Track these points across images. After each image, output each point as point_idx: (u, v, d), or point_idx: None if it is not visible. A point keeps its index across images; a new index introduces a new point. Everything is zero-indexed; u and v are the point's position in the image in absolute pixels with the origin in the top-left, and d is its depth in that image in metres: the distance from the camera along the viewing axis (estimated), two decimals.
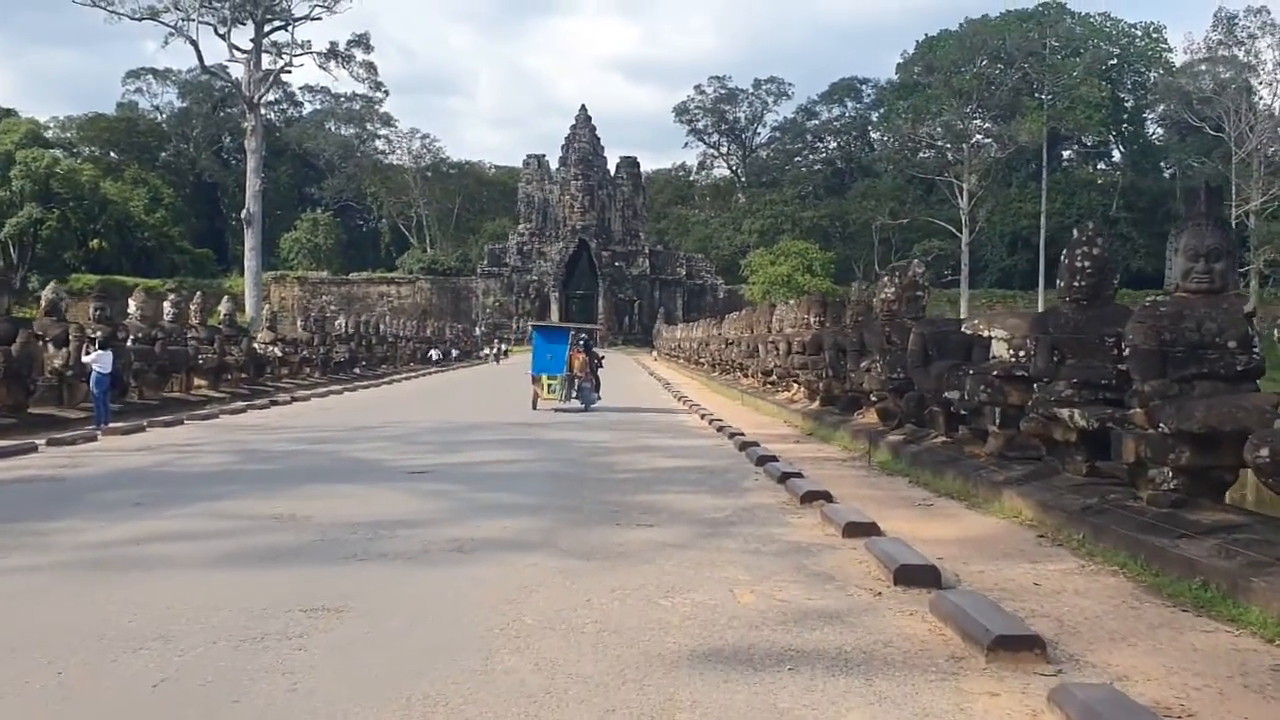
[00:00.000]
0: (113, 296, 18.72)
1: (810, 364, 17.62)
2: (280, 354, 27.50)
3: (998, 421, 9.75)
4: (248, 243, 71.04)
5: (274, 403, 20.63)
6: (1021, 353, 9.74)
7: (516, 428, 15.62)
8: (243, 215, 71.86)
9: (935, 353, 11.70)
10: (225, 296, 25.36)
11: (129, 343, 19.43)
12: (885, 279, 14.69)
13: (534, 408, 19.82)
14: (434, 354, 41.74)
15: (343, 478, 9.69)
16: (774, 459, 11.19)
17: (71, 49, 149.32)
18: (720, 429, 15.23)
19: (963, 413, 10.34)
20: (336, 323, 35.48)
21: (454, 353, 42.31)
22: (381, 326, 40.98)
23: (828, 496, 8.56)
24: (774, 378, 22.31)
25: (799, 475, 9.79)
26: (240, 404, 19.68)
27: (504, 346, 50.48)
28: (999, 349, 9.95)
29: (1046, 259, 76.43)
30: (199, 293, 24.24)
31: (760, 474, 10.46)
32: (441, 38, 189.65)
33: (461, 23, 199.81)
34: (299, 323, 31.48)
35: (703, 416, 17.84)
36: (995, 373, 9.67)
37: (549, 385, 20.14)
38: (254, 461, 10.93)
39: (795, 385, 20.10)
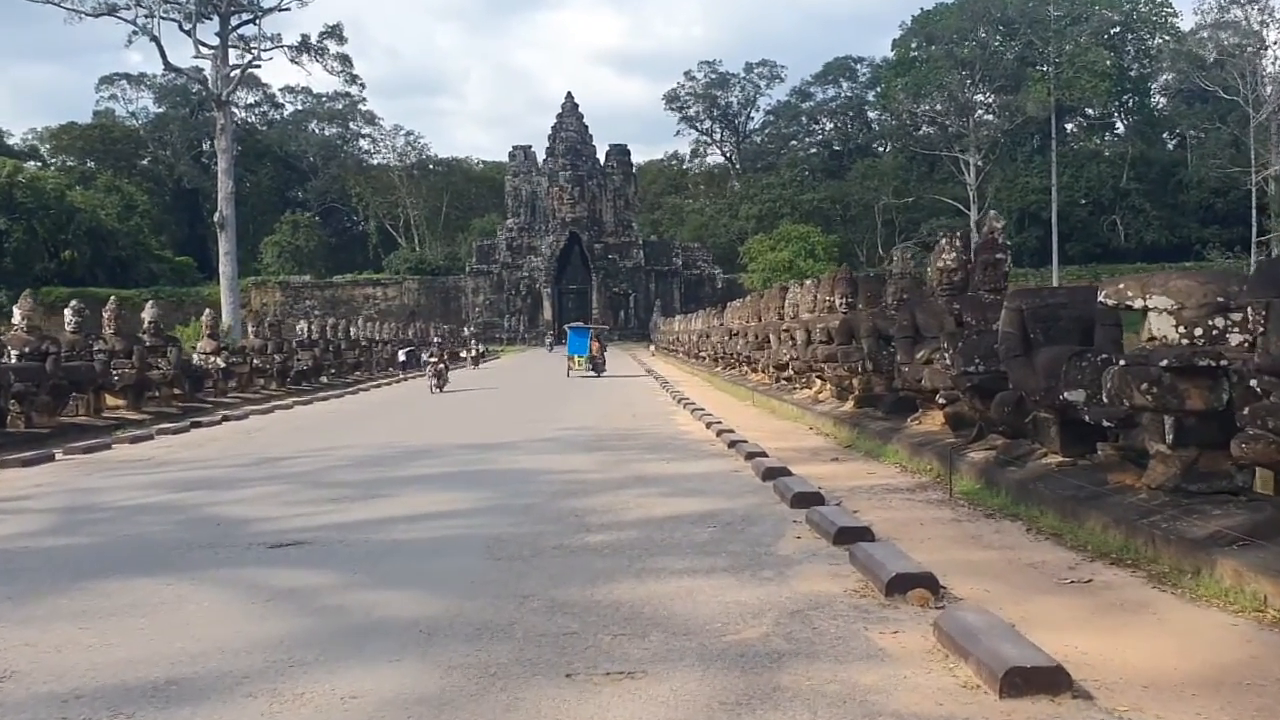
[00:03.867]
0: None
1: (840, 355, 14.20)
2: (224, 365, 24.04)
3: (1170, 437, 6.35)
4: (222, 247, 67.89)
5: (196, 424, 17.22)
6: (1198, 330, 6.35)
7: (475, 452, 12.21)
8: (215, 219, 68.70)
9: (1040, 335, 8.29)
10: (150, 302, 21.90)
11: (13, 359, 16.10)
12: (943, 242, 11.28)
13: (568, 375, 30.42)
14: (401, 355, 38.07)
15: (162, 562, 6.27)
16: (818, 497, 7.79)
17: (50, 63, 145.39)
18: (733, 444, 11.82)
19: (1105, 423, 6.92)
20: (299, 327, 32.03)
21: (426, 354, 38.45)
22: (353, 330, 37.47)
23: (930, 583, 5.14)
24: (790, 373, 18.91)
25: (867, 533, 6.39)
26: (154, 428, 16.26)
27: (483, 348, 45.43)
28: (1161, 326, 6.53)
29: (1059, 234, 73.12)
30: (113, 298, 20.79)
31: (802, 524, 7.05)
32: (428, 37, 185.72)
33: (447, 21, 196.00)
34: (250, 329, 28.03)
35: (709, 425, 14.43)
36: (1165, 363, 6.25)
37: (579, 361, 31.27)
38: (63, 531, 7.51)
39: (819, 381, 16.69)
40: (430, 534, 7.02)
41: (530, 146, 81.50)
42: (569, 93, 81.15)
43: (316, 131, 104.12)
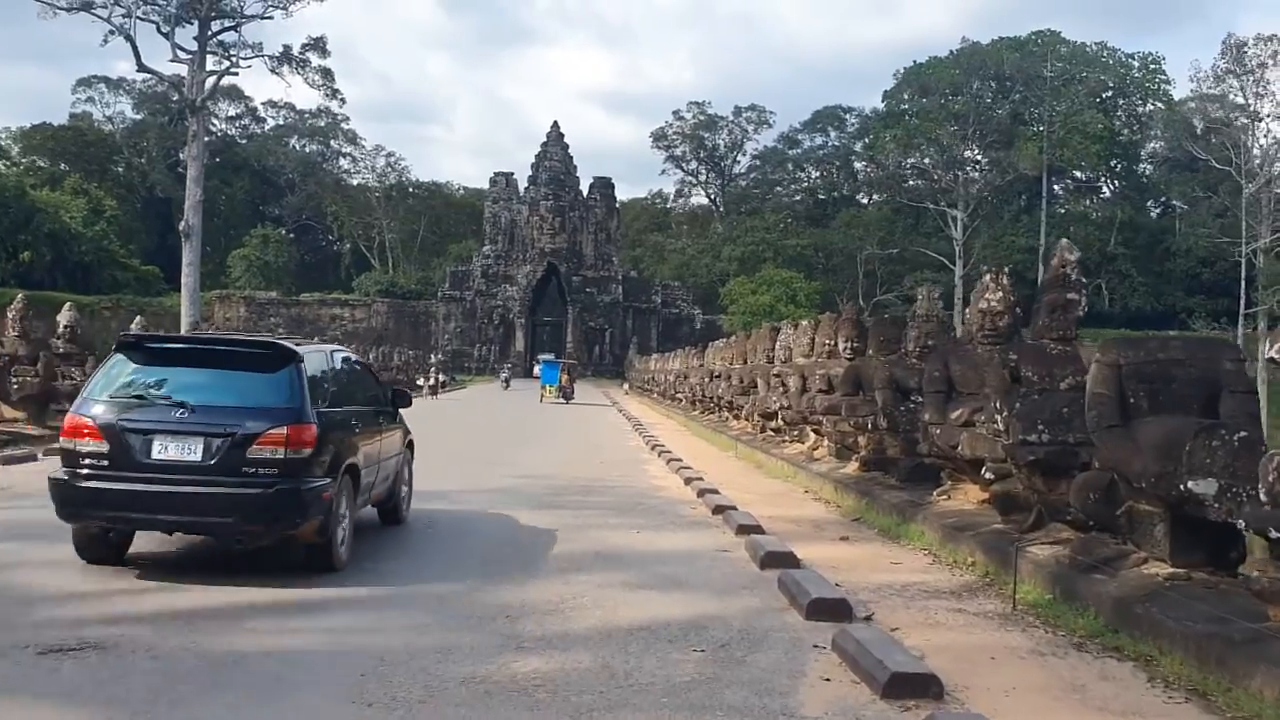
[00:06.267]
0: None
1: (845, 408, 12.10)
2: None
3: None
4: (185, 257, 65.45)
5: None
6: None
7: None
8: (181, 228, 66.35)
9: (1143, 401, 6.23)
10: (66, 304, 19.59)
11: None
12: (987, 279, 9.27)
13: (540, 401, 32.85)
14: None
15: None
16: (843, 606, 5.69)
17: (34, 65, 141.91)
18: (718, 509, 9.70)
19: (1273, 534, 4.85)
20: None
21: None
22: None
23: None
24: (779, 423, 16.82)
25: (933, 685, 4.29)
26: (44, 448, 13.90)
27: (444, 377, 42.45)
28: None
29: None
30: (21, 295, 18.51)
31: (827, 653, 4.93)
32: (419, 65, 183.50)
33: (439, 50, 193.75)
34: None
35: (687, 481, 12.32)
36: None
37: (551, 390, 33.98)
38: None
39: (814, 435, 14.61)
40: (289, 640, 4.84)
41: (512, 174, 79.49)
42: (555, 122, 79.25)
43: (296, 147, 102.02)
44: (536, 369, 61.39)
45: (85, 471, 6.22)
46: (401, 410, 8.99)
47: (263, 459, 6.18)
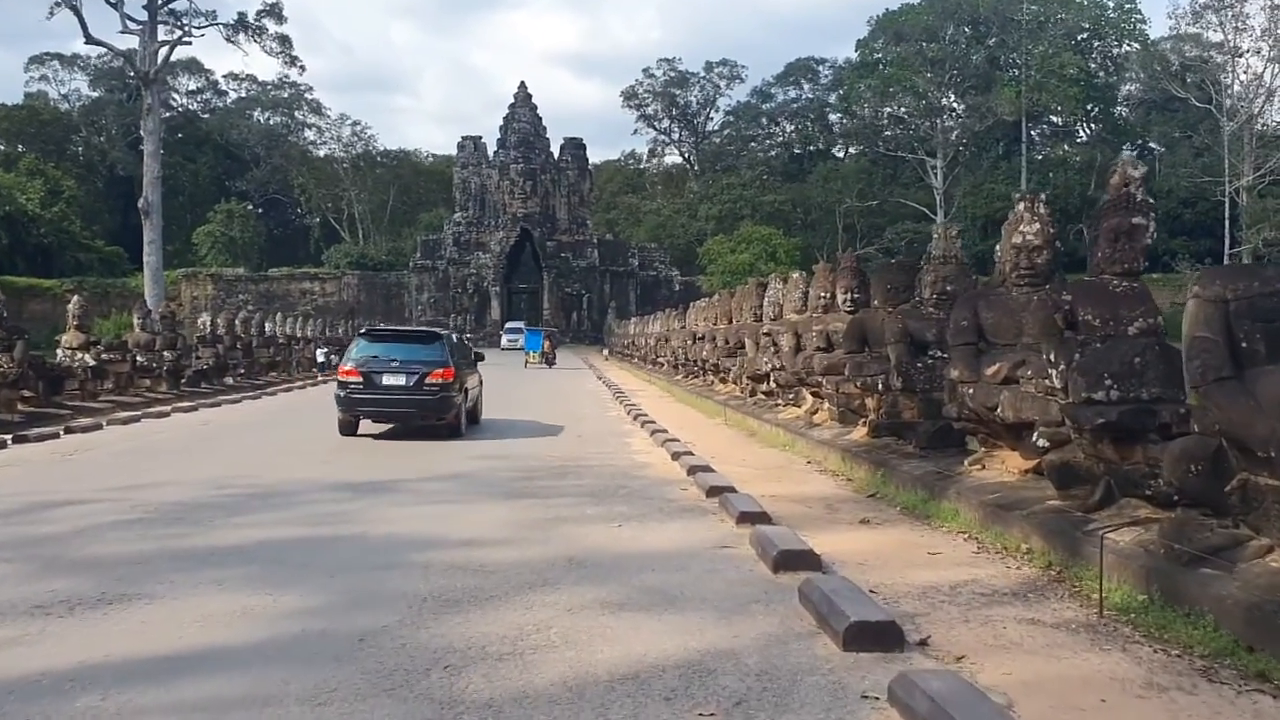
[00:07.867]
0: None
1: (850, 366, 10.71)
2: (93, 362, 20.15)
3: None
4: (146, 236, 63.26)
5: (21, 439, 13.33)
6: None
7: (339, 499, 8.57)
8: (140, 205, 64.22)
9: (1260, 346, 4.86)
10: None
11: None
12: (1021, 209, 7.85)
13: (525, 367, 35.49)
14: (320, 355, 34.31)
15: None
16: (892, 630, 4.32)
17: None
18: (713, 491, 8.33)
19: None
20: (200, 320, 28.08)
21: (335, 360, 34.67)
22: (269, 326, 33.44)
23: None
24: (770, 385, 15.47)
25: None
26: None
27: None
28: None
29: None
30: None
31: (881, 705, 3.57)
32: (382, 34, 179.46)
33: (402, 19, 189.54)
34: (136, 320, 24.04)
35: (675, 455, 10.94)
36: None
37: (534, 356, 37.19)
38: None
39: (810, 398, 13.26)
40: None
41: (480, 137, 77.21)
42: (522, 82, 77.02)
43: (260, 120, 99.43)
44: (505, 339, 60.34)
45: (350, 390, 13.05)
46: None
47: (433, 383, 12.91)
